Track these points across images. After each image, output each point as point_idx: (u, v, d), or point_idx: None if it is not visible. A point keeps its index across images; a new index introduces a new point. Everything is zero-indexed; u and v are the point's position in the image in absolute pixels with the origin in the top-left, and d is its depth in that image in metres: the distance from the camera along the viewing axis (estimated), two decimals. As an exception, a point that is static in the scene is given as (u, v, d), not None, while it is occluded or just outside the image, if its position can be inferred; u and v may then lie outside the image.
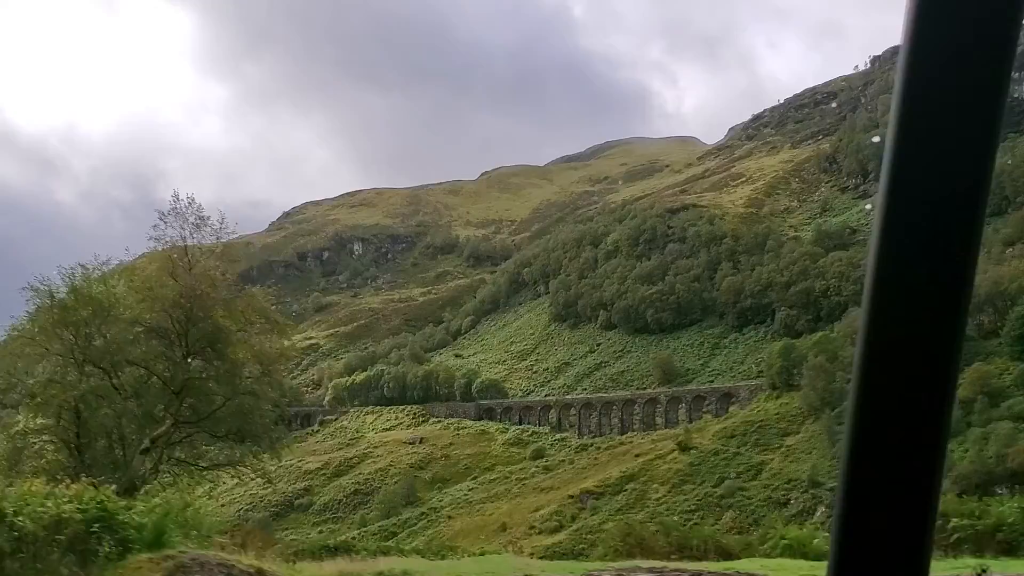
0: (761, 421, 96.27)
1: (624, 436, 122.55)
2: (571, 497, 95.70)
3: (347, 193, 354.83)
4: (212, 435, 30.26)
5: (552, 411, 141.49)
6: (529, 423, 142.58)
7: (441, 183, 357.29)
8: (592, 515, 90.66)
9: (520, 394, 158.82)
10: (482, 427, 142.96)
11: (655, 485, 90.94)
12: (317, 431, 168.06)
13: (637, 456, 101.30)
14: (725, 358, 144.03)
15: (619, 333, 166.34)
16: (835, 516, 1.56)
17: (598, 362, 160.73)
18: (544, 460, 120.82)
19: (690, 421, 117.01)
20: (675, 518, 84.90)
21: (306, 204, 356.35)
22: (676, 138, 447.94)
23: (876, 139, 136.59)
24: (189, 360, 28.49)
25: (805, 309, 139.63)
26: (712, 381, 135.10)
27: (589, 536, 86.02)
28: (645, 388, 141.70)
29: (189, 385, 28.24)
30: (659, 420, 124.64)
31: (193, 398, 28.74)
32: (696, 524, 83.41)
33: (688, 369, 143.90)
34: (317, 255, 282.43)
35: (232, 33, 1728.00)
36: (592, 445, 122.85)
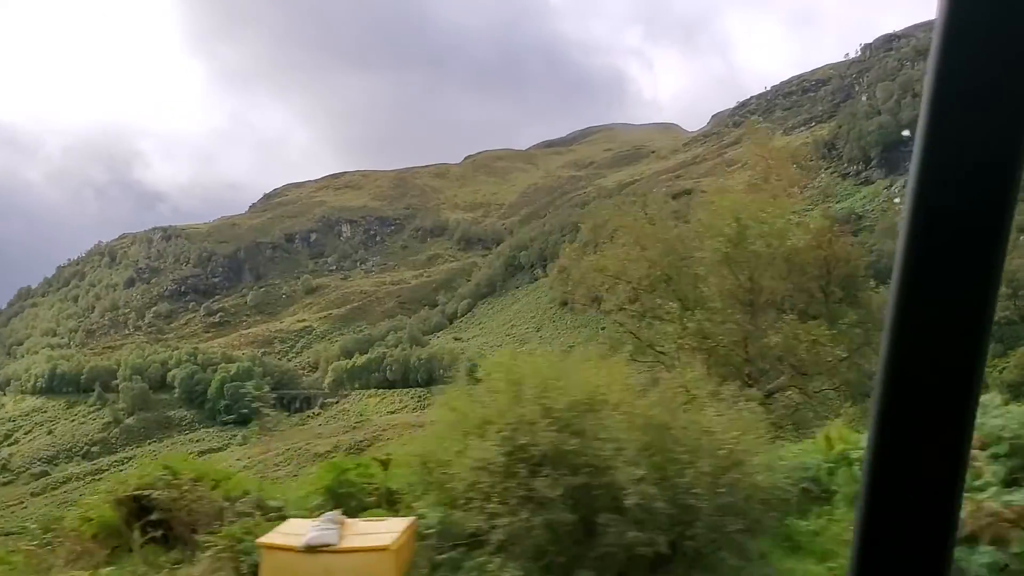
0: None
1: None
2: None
3: (331, 175, 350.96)
4: (802, 391, 28.05)
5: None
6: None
7: (427, 166, 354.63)
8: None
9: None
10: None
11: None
12: (318, 414, 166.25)
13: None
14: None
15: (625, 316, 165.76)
16: (859, 505, 1.59)
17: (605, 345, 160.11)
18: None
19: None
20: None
21: (288, 186, 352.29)
22: (658, 124, 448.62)
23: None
24: (833, 305, 26.39)
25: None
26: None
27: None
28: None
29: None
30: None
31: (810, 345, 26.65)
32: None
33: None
34: (305, 237, 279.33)
35: (209, 13, 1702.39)
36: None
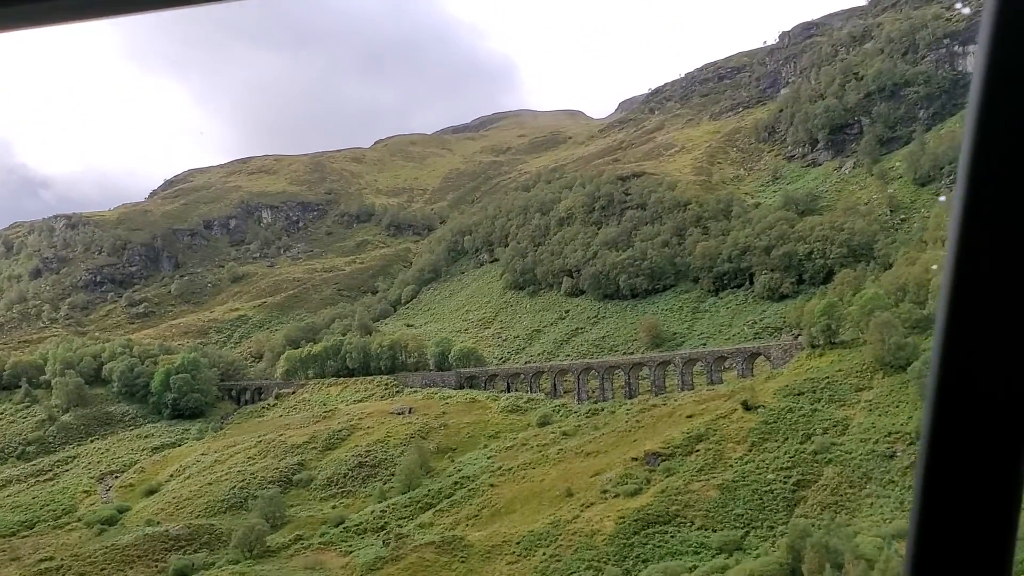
0: (827, 377, 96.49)
1: (633, 400, 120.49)
2: (635, 459, 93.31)
3: (238, 160, 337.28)
4: None
5: (545, 377, 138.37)
6: (516, 390, 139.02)
7: (341, 150, 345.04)
8: (667, 476, 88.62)
9: (495, 362, 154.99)
10: (469, 395, 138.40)
11: (730, 444, 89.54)
12: (274, 405, 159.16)
13: (689, 417, 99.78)
14: (710, 321, 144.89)
15: (587, 299, 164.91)
16: (915, 501, 1.57)
17: (573, 328, 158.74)
18: (560, 426, 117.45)
19: (711, 383, 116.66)
20: (771, 476, 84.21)
21: (191, 171, 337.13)
22: (563, 111, 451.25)
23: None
24: None
25: (787, 272, 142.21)
26: (704, 344, 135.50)
27: (679, 498, 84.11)
28: (632, 352, 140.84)
29: None
30: (670, 383, 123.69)
31: None
32: (800, 480, 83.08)
33: (675, 333, 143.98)
34: (224, 223, 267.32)
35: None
36: (603, 410, 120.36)
